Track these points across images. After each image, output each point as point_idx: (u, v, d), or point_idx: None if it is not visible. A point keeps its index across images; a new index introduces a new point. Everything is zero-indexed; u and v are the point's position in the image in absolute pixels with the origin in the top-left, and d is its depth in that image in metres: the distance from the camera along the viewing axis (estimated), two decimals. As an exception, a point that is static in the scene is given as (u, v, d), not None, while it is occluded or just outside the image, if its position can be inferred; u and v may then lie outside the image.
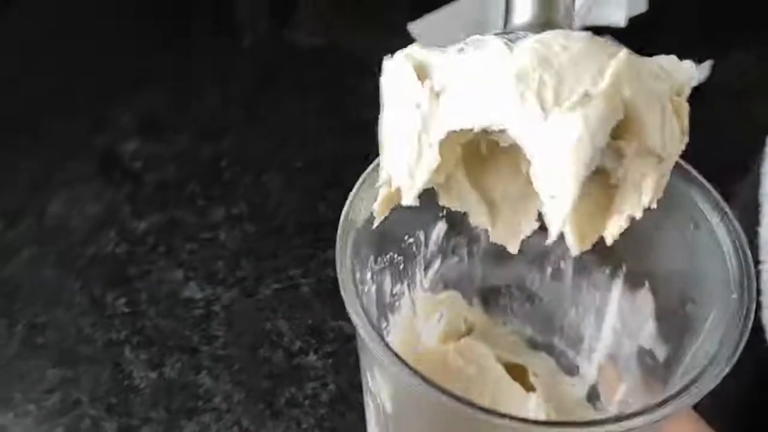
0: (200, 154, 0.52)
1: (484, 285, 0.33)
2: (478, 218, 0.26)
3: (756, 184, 0.44)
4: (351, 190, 0.26)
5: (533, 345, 0.34)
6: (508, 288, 0.33)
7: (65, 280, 0.45)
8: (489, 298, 0.33)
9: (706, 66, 0.53)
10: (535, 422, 0.25)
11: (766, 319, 0.39)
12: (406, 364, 0.22)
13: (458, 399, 0.21)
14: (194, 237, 0.47)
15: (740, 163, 0.47)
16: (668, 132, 0.21)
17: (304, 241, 0.46)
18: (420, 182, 0.22)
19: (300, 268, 0.45)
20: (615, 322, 0.31)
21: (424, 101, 0.21)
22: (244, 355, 0.41)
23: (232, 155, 0.51)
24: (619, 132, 0.21)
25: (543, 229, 0.25)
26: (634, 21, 0.55)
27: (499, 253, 0.28)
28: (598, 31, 0.55)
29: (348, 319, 0.41)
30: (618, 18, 0.54)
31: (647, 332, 0.28)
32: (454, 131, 0.21)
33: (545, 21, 0.24)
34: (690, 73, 0.23)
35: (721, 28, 0.61)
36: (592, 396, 0.34)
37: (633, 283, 0.29)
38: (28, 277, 0.45)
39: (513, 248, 0.26)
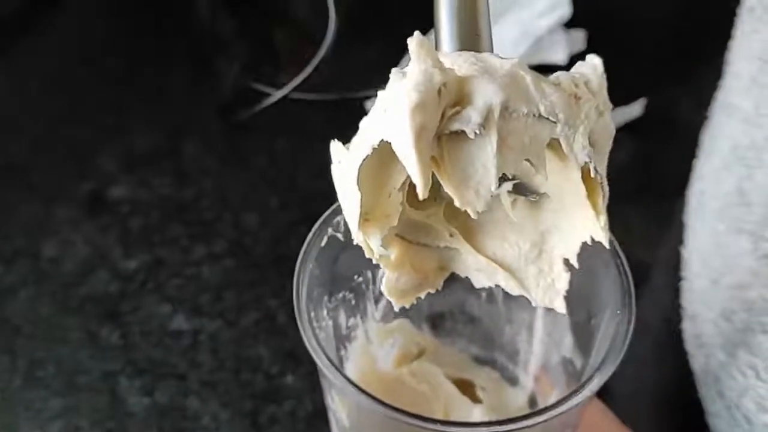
0: (182, 197, 0.56)
1: (431, 311, 0.37)
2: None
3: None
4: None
5: (479, 361, 0.38)
6: (452, 312, 0.37)
7: (62, 317, 0.49)
8: (436, 322, 0.37)
9: (640, 103, 0.59)
10: (468, 425, 0.30)
11: (686, 326, 0.44)
12: (357, 387, 0.27)
13: (403, 413, 0.26)
14: (179, 273, 0.51)
15: (676, 188, 0.52)
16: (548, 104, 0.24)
17: (279, 274, 0.51)
18: (354, 220, 0.25)
19: (277, 299, 0.49)
20: (542, 336, 0.35)
21: (341, 156, 0.25)
22: (229, 379, 0.45)
23: (212, 197, 0.56)
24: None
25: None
26: (575, 58, 0.60)
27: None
28: (542, 69, 0.61)
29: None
30: (560, 57, 0.59)
31: (567, 344, 0.33)
32: (361, 163, 0.24)
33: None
34: (591, 63, 0.26)
35: (656, 64, 0.66)
36: (533, 403, 0.38)
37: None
38: (28, 316, 0.49)
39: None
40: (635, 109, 0.58)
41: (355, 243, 0.26)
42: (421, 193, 0.22)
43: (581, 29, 0.62)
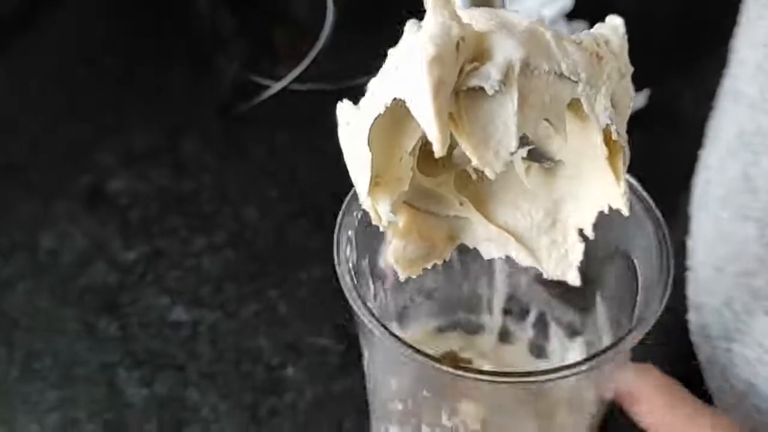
0: (181, 189, 0.56)
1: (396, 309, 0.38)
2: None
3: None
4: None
5: (442, 330, 0.39)
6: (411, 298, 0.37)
7: (60, 309, 0.48)
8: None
9: (643, 94, 0.58)
10: (521, 374, 0.29)
11: (691, 317, 0.44)
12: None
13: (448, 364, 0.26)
14: (179, 265, 0.51)
15: (680, 179, 0.52)
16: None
17: (280, 265, 0.50)
18: (364, 184, 0.24)
19: (277, 290, 0.49)
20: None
21: (350, 117, 0.24)
22: (228, 371, 0.45)
23: (211, 189, 0.55)
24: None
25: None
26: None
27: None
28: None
29: (321, 335, 0.46)
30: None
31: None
32: (372, 122, 0.23)
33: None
34: (612, 24, 0.26)
35: (659, 55, 0.66)
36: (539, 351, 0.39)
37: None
38: (25, 308, 0.49)
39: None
40: (638, 101, 0.58)
41: (362, 208, 0.25)
42: (439, 150, 0.21)
43: (583, 20, 0.62)
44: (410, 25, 0.23)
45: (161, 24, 0.69)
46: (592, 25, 0.63)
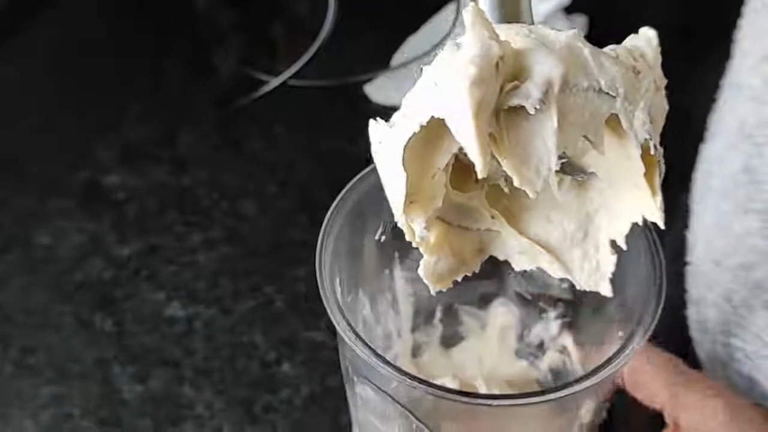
0: (178, 184, 0.55)
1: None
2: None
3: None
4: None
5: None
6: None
7: (55, 305, 0.48)
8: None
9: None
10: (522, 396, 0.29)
11: (690, 312, 0.43)
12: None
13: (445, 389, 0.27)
14: (175, 260, 0.50)
15: (679, 175, 0.51)
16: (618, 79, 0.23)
17: (276, 261, 0.50)
18: (399, 202, 0.24)
19: (273, 285, 0.48)
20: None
21: (382, 136, 0.24)
22: (224, 367, 0.45)
23: (208, 184, 0.55)
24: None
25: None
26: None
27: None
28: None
29: (317, 331, 0.45)
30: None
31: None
32: (407, 142, 0.23)
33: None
34: (645, 36, 0.26)
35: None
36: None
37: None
38: (20, 304, 0.48)
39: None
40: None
41: (397, 226, 0.25)
42: (481, 171, 0.21)
43: (582, 14, 0.61)
44: (450, 44, 0.22)
45: (160, 19, 0.68)
46: (591, 20, 0.63)
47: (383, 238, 0.33)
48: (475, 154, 0.21)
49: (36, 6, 0.68)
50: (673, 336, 0.43)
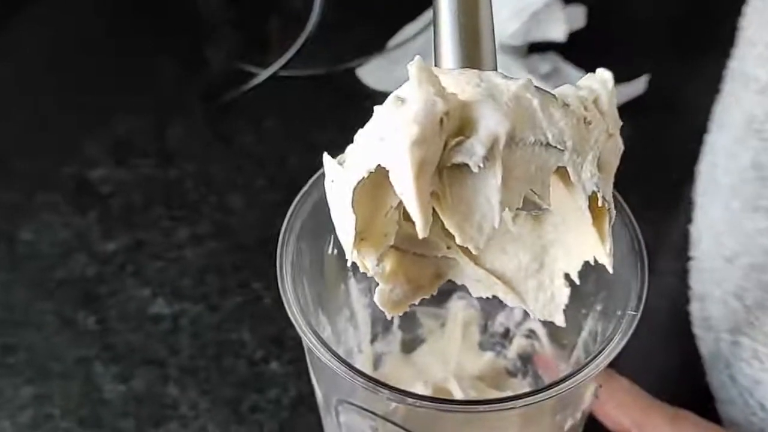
0: (165, 178, 0.54)
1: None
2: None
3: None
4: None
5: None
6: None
7: (36, 302, 0.46)
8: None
9: (643, 80, 0.56)
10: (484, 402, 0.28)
11: (693, 308, 0.42)
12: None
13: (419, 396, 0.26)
14: (161, 256, 0.49)
15: (681, 167, 0.50)
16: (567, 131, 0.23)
17: (265, 256, 0.48)
18: (349, 242, 0.24)
19: (261, 282, 0.47)
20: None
21: (334, 175, 0.24)
22: (209, 365, 0.43)
23: (196, 178, 0.54)
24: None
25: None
26: (573, 36, 0.57)
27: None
28: (540, 46, 0.58)
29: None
30: (558, 33, 0.57)
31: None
32: (355, 186, 0.22)
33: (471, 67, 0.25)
34: (601, 78, 0.25)
35: (658, 40, 0.64)
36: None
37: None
38: (1, 301, 0.47)
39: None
40: (637, 87, 0.56)
41: (349, 262, 0.24)
42: (421, 231, 0.21)
43: (580, 4, 0.60)
44: (393, 99, 0.22)
45: (149, 11, 0.67)
46: (589, 9, 0.61)
47: (335, 251, 0.32)
48: (415, 215, 0.21)
49: (25, 2, 0.66)
50: (676, 331, 0.42)
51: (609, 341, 0.26)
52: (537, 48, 0.59)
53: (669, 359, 0.43)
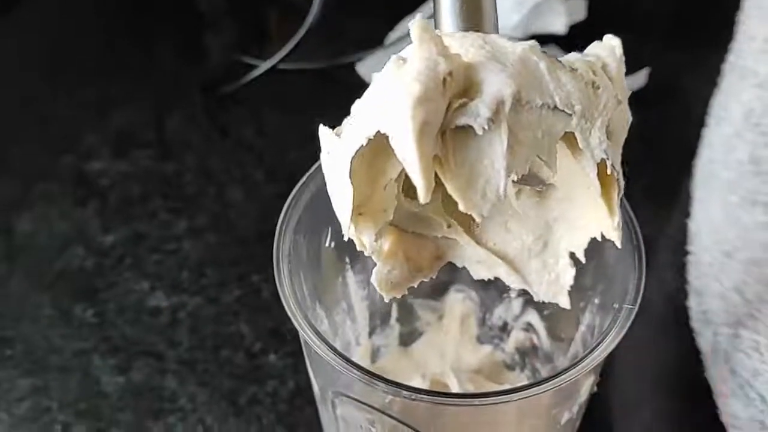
0: (164, 171, 0.54)
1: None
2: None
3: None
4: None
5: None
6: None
7: (34, 294, 0.46)
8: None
9: (643, 73, 0.56)
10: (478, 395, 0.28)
11: (691, 303, 0.42)
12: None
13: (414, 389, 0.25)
14: (159, 249, 0.49)
15: (681, 160, 0.50)
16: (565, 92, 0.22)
17: (264, 249, 0.48)
18: (346, 215, 0.23)
19: (260, 275, 0.47)
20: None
21: (330, 147, 0.23)
22: (208, 358, 0.43)
23: (195, 171, 0.53)
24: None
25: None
26: (574, 28, 0.57)
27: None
28: (541, 39, 0.58)
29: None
30: (559, 26, 0.57)
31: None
32: (353, 155, 0.22)
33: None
34: (608, 45, 0.25)
35: (659, 32, 0.64)
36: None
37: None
38: (-2, 293, 0.47)
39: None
40: (639, 79, 0.56)
41: (346, 237, 0.24)
42: (423, 197, 0.20)
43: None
44: (394, 59, 0.21)
45: (148, 2, 0.67)
46: (590, 2, 0.61)
47: (332, 244, 0.32)
48: (417, 178, 0.20)
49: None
50: (674, 326, 0.42)
51: (606, 335, 0.26)
52: (538, 40, 0.57)
53: (667, 353, 0.43)
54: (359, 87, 0.64)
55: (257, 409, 0.41)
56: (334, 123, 0.24)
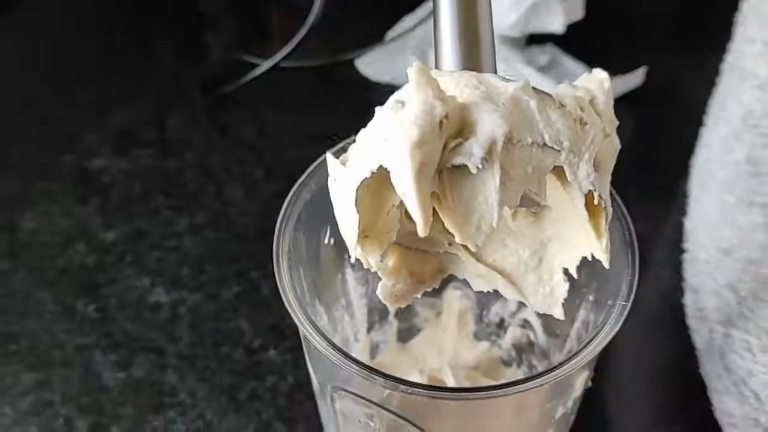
0: (164, 169, 0.54)
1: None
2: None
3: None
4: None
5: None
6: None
7: (37, 290, 0.47)
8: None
9: (640, 72, 0.57)
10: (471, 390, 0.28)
11: (687, 300, 0.42)
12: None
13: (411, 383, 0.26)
14: (160, 245, 0.49)
15: (678, 159, 0.50)
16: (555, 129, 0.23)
17: (263, 246, 0.48)
18: (352, 239, 0.24)
19: (259, 271, 0.47)
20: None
21: (337, 175, 0.24)
22: (208, 354, 0.43)
23: (195, 168, 0.54)
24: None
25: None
26: (572, 28, 0.58)
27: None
28: (539, 38, 0.59)
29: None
30: (556, 26, 0.57)
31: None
32: (358, 185, 0.23)
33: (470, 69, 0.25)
34: (597, 78, 0.26)
35: (657, 32, 0.64)
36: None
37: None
38: (2, 289, 0.47)
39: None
40: (635, 79, 0.56)
41: (353, 259, 0.25)
42: (422, 231, 0.22)
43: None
44: (393, 103, 0.22)
45: (150, 3, 0.67)
46: (588, 2, 0.61)
47: (332, 241, 0.33)
48: (416, 215, 0.22)
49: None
50: (670, 323, 0.42)
51: (600, 330, 0.26)
52: (535, 39, 0.59)
53: (663, 350, 0.43)
54: (358, 85, 0.64)
55: (257, 405, 0.41)
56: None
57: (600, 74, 0.26)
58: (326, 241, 0.33)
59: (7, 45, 0.64)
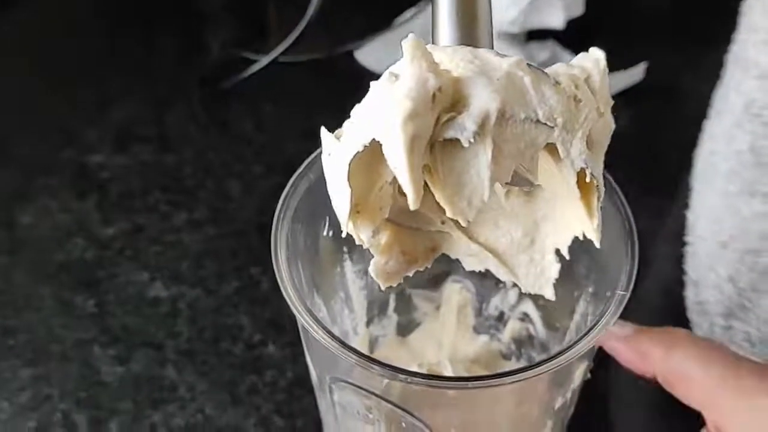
0: (163, 164, 0.54)
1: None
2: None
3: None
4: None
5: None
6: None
7: (36, 285, 0.47)
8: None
9: (641, 67, 0.56)
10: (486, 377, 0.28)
11: (688, 294, 0.42)
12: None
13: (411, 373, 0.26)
14: (159, 240, 0.49)
15: (678, 154, 0.50)
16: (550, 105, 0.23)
17: (262, 241, 0.48)
18: (344, 214, 0.24)
19: (258, 266, 0.47)
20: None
21: (331, 149, 0.24)
22: (207, 348, 0.43)
23: (194, 164, 0.54)
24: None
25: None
26: (572, 23, 0.57)
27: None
28: (539, 34, 0.58)
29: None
30: (556, 21, 0.57)
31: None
32: (351, 159, 0.23)
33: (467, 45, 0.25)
34: (593, 57, 0.26)
35: (657, 27, 0.64)
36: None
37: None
38: (1, 284, 0.47)
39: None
40: (636, 74, 0.56)
41: (344, 233, 0.25)
42: (413, 204, 0.22)
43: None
44: (387, 75, 0.22)
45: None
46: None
47: (330, 233, 0.33)
48: (407, 188, 0.21)
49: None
50: (671, 316, 0.42)
51: (599, 320, 0.26)
52: (535, 35, 0.59)
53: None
54: (358, 77, 0.64)
55: (256, 399, 0.41)
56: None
57: (596, 53, 0.26)
58: (325, 233, 0.33)
59: (7, 41, 0.64)
